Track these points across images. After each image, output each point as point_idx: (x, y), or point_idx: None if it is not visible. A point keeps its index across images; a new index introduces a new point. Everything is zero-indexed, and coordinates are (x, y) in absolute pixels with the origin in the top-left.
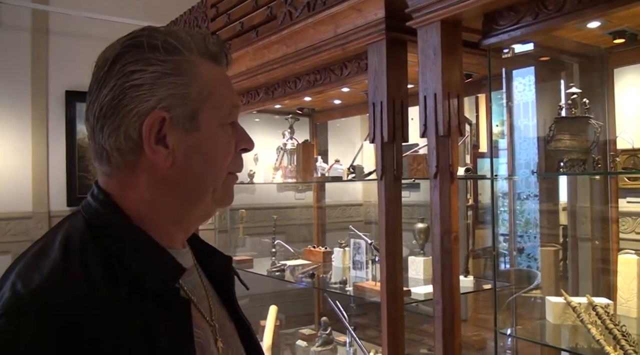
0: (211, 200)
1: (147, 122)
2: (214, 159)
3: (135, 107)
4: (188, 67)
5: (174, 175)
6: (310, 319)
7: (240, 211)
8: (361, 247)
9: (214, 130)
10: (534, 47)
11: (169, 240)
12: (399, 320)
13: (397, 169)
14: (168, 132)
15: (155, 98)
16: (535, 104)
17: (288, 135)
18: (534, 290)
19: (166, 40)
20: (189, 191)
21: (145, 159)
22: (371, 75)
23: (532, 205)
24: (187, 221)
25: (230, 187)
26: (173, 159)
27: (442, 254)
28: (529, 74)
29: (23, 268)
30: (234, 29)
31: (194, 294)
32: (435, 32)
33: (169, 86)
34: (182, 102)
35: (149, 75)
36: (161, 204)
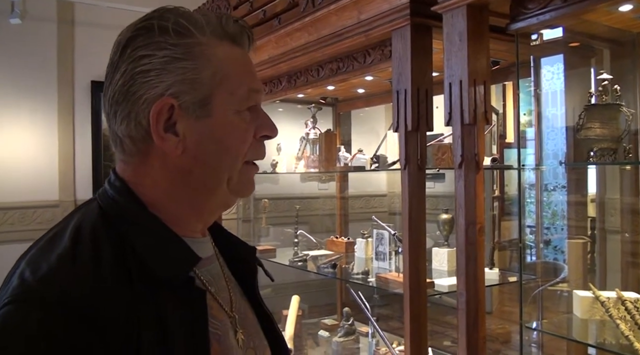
0: (227, 189)
1: (154, 109)
2: (228, 147)
3: (145, 94)
4: (200, 50)
5: (186, 163)
6: (332, 309)
7: (264, 201)
8: (384, 238)
9: (228, 117)
10: (563, 33)
11: (186, 229)
12: (422, 313)
13: (421, 159)
14: (178, 119)
15: (164, 84)
16: (563, 92)
17: (311, 125)
18: (560, 284)
19: (177, 22)
20: (202, 180)
21: (156, 146)
22: (395, 62)
23: (560, 197)
24: (204, 210)
25: (249, 177)
26: (184, 146)
27: (467, 246)
28: (558, 61)
29: (34, 256)
30: (256, 17)
31: (212, 284)
32: (462, 17)
33: (179, 71)
34: (192, 88)
35: (158, 60)
36: (176, 192)
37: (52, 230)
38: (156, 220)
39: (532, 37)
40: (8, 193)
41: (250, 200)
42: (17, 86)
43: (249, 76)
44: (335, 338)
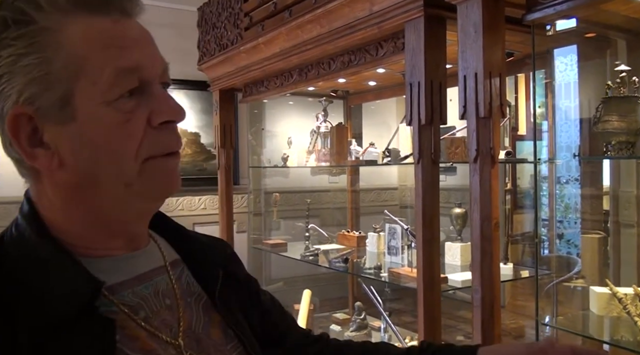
0: (133, 196)
1: (8, 124)
2: (105, 149)
3: (3, 106)
4: (45, 36)
5: (70, 177)
6: (344, 303)
7: (274, 195)
8: (396, 232)
9: (96, 112)
10: (577, 24)
11: (100, 248)
12: (436, 308)
13: (434, 153)
14: (43, 128)
15: (15, 90)
16: (577, 83)
17: (322, 118)
18: (575, 279)
19: (14, 8)
20: (94, 193)
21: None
22: (408, 54)
23: (573, 190)
24: (114, 226)
25: (162, 173)
26: (59, 159)
27: (482, 241)
28: (572, 52)
29: None
30: (267, 9)
31: (140, 308)
32: (477, 8)
33: (27, 70)
34: (45, 88)
35: (4, 62)
36: (73, 211)
37: None
38: (54, 245)
39: (547, 28)
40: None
41: (260, 194)
42: None
43: (115, 52)
44: (347, 332)
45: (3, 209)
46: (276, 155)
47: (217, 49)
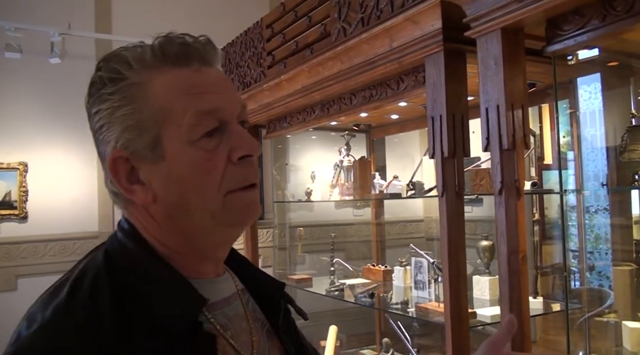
0: (217, 225)
1: (108, 166)
2: (191, 184)
3: (104, 150)
4: (135, 90)
5: (162, 210)
6: (371, 338)
7: (299, 229)
8: (423, 266)
9: (182, 152)
10: (599, 52)
11: (195, 272)
12: (465, 344)
13: (458, 185)
14: (139, 168)
15: (114, 136)
16: (602, 112)
17: (344, 152)
18: (607, 313)
19: (109, 68)
20: (183, 223)
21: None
22: (429, 88)
23: (603, 220)
24: (203, 251)
25: (242, 204)
26: (154, 194)
27: (510, 275)
28: (595, 81)
29: (34, 307)
30: (289, 48)
31: (228, 328)
32: (496, 41)
33: (122, 120)
34: (137, 133)
35: (105, 113)
36: (168, 238)
37: (62, 277)
38: (162, 264)
39: (568, 58)
40: (49, 225)
41: (285, 229)
42: (57, 122)
43: (196, 97)
44: None
45: (33, 247)
46: (300, 190)
47: (241, 87)
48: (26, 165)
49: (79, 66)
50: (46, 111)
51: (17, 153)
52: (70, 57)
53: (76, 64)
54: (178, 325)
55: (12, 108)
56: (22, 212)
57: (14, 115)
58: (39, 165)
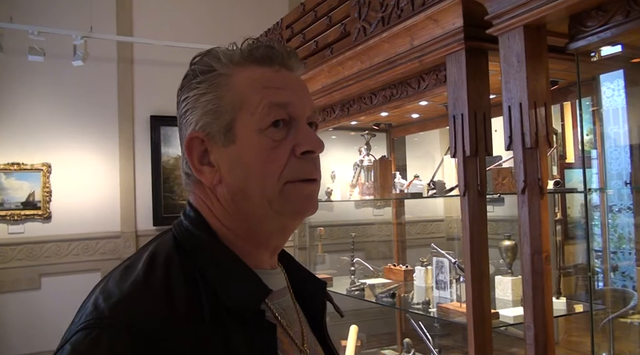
0: (274, 212)
1: (185, 144)
2: (254, 169)
3: (185, 133)
4: (220, 80)
5: (226, 191)
6: (392, 338)
7: (319, 229)
8: (444, 266)
9: (251, 138)
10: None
11: (255, 260)
12: (488, 345)
13: (481, 184)
14: (211, 150)
15: (195, 119)
16: (626, 109)
17: (365, 152)
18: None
19: (202, 61)
20: (244, 206)
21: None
22: (450, 87)
23: (626, 219)
24: (261, 238)
25: (299, 195)
26: (220, 176)
27: (533, 276)
28: (618, 78)
29: (108, 283)
30: (308, 48)
31: (283, 318)
32: (518, 38)
33: (204, 105)
34: (215, 117)
35: (191, 100)
36: (229, 222)
37: (128, 260)
38: (227, 251)
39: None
40: (72, 225)
41: (305, 228)
42: (80, 123)
43: (271, 91)
44: None
45: (56, 246)
46: (321, 190)
47: None
48: (50, 166)
49: (101, 68)
50: (69, 113)
51: (41, 154)
52: (92, 60)
53: (98, 66)
54: (244, 312)
55: (35, 110)
56: (46, 212)
57: (37, 117)
58: (62, 166)
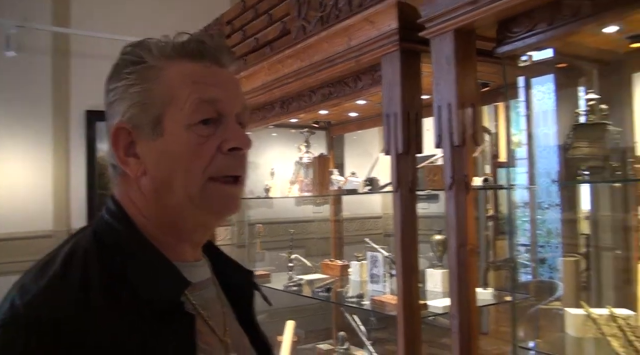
0: (197, 209)
1: (111, 135)
2: (180, 163)
3: (112, 123)
4: (151, 73)
5: (150, 184)
6: (329, 333)
7: (258, 226)
8: (378, 260)
9: (179, 133)
10: (553, 54)
11: (176, 253)
12: (416, 335)
13: (412, 181)
14: (137, 142)
15: (122, 110)
16: (554, 111)
17: (304, 149)
18: (555, 302)
19: (133, 52)
20: (166, 199)
21: (127, 172)
22: (385, 87)
23: (554, 215)
24: (182, 231)
25: (221, 193)
26: (145, 168)
27: (459, 267)
28: (547, 82)
29: (25, 281)
30: (249, 45)
31: (205, 309)
32: (449, 42)
33: (132, 96)
34: (143, 110)
35: (119, 90)
36: (152, 214)
37: (47, 256)
38: (147, 244)
39: (521, 59)
40: (2, 224)
41: (244, 226)
42: (11, 117)
43: (201, 86)
44: None
45: None
46: (259, 187)
47: None
48: None
49: (35, 60)
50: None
51: None
52: (26, 51)
53: (33, 57)
54: (162, 305)
55: None
56: None
57: None
58: None
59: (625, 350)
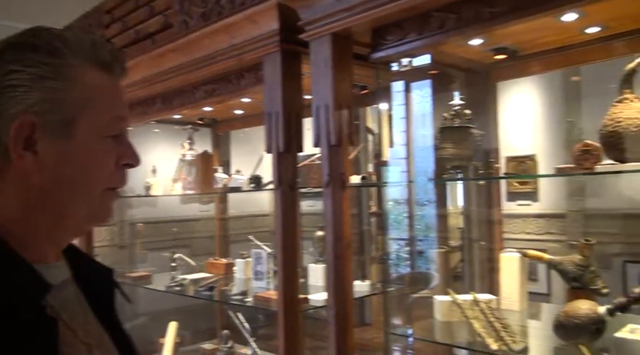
0: (85, 215)
1: (14, 125)
2: (88, 172)
3: (9, 109)
4: (70, 72)
5: (43, 183)
6: (215, 333)
7: (138, 225)
8: (262, 257)
9: (91, 141)
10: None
11: (37, 254)
12: (297, 328)
13: (293, 179)
14: (39, 137)
15: (29, 101)
16: (430, 114)
17: (187, 146)
18: (429, 291)
19: (50, 42)
20: (58, 203)
21: (14, 164)
22: (267, 86)
23: (430, 211)
24: (58, 234)
25: (109, 204)
26: (42, 166)
27: (335, 261)
28: (424, 87)
29: None
30: (129, 37)
31: (65, 311)
32: (327, 45)
33: (46, 90)
34: (56, 108)
35: (26, 76)
36: (29, 213)
37: None
38: (5, 248)
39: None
40: None
41: (125, 225)
42: None
43: (117, 104)
44: None
45: None
46: (140, 185)
47: None
48: None
49: None
50: None
51: None
52: None
53: None
54: (22, 311)
55: None
56: None
57: None
58: None
59: (486, 330)
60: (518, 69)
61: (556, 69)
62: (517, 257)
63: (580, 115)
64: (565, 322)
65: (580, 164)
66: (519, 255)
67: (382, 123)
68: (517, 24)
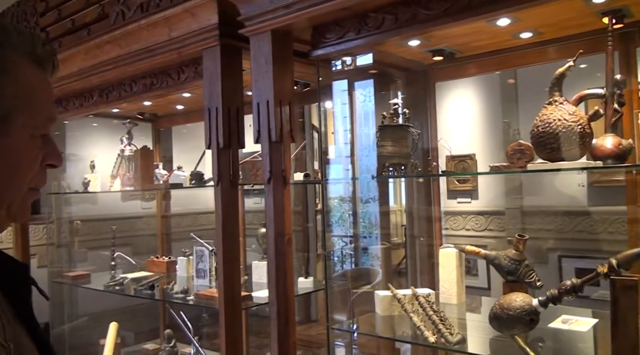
0: (4, 214)
1: None
2: (17, 170)
3: None
4: (9, 66)
5: None
6: (157, 333)
7: (75, 222)
8: (204, 254)
9: (23, 140)
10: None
11: None
12: (238, 326)
13: (233, 175)
14: None
15: None
16: (373, 113)
17: (126, 141)
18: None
19: None
20: None
21: None
22: (207, 80)
23: (373, 208)
24: None
25: (28, 203)
26: None
27: (277, 257)
28: (366, 86)
29: None
30: (64, 26)
31: None
32: (267, 41)
33: None
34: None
35: None
36: None
37: None
38: None
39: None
40: None
41: (63, 223)
42: None
43: (50, 104)
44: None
45: None
46: (79, 181)
47: None
48: None
49: None
50: None
51: None
52: None
53: None
54: None
55: None
56: None
57: None
58: None
59: (425, 323)
60: (455, 71)
61: (492, 71)
62: (455, 253)
63: (517, 116)
64: (500, 313)
65: (514, 163)
66: (456, 251)
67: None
68: (452, 26)
